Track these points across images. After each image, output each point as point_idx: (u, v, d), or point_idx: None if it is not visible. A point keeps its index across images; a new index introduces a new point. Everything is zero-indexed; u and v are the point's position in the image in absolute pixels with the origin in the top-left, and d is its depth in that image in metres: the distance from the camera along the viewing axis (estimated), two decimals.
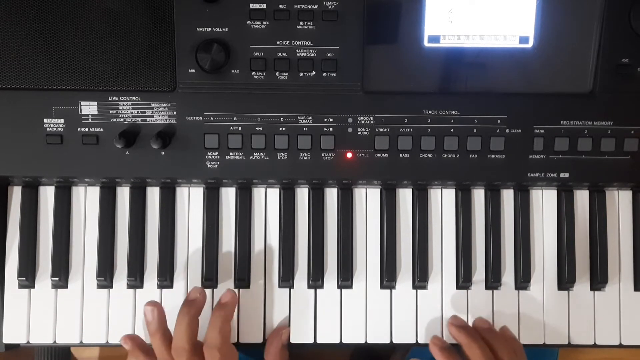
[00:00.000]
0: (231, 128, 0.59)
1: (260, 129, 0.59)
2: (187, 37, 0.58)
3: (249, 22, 0.58)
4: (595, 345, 0.63)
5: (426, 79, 0.59)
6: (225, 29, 0.58)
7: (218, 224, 0.62)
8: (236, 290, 0.62)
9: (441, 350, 0.58)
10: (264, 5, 0.57)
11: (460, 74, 0.59)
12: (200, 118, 0.59)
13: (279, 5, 0.57)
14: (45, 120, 0.59)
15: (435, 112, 0.59)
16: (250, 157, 0.59)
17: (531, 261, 0.63)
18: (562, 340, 0.63)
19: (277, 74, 0.59)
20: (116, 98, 0.59)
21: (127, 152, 0.59)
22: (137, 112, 0.59)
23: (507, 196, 0.64)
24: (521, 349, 0.59)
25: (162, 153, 0.59)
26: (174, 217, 0.62)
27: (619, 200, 0.64)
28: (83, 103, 0.59)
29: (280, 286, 0.62)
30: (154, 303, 0.58)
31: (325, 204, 0.63)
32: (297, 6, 0.57)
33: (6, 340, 0.62)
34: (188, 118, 0.59)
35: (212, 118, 0.59)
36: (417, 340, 0.62)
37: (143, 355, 0.57)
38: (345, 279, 0.62)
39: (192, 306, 0.56)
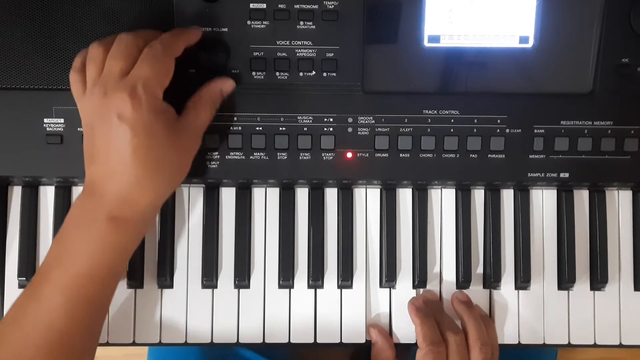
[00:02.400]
0: (231, 128, 0.59)
1: (260, 128, 0.59)
2: None
3: (249, 22, 0.58)
4: (595, 345, 0.63)
5: (426, 79, 0.59)
6: (225, 29, 0.58)
7: (218, 224, 0.62)
8: (236, 291, 0.62)
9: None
10: (264, 5, 0.57)
11: (460, 73, 0.59)
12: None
13: (279, 5, 0.57)
14: (45, 120, 0.59)
15: (435, 112, 0.59)
16: (250, 157, 0.59)
17: (531, 261, 0.63)
18: (562, 340, 0.63)
19: (277, 74, 0.59)
20: None
21: None
22: None
23: (507, 196, 0.64)
24: (492, 327, 0.61)
25: None
26: (173, 216, 0.62)
27: (619, 200, 0.64)
28: None
29: (280, 286, 0.62)
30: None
31: (325, 204, 0.63)
32: (297, 6, 0.57)
33: None
34: None
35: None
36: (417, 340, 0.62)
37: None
38: (345, 278, 0.62)
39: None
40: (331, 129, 0.59)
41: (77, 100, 0.54)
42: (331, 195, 0.63)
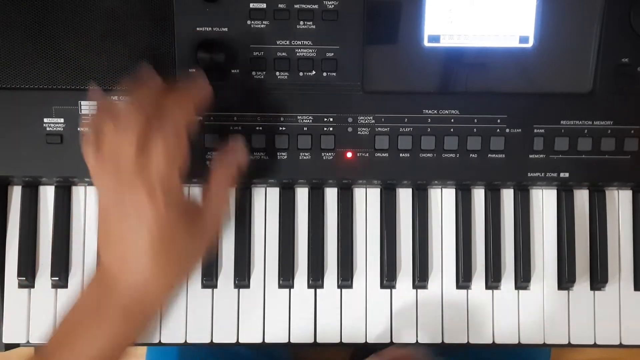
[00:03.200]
0: (231, 128, 0.59)
1: (260, 128, 0.59)
2: (187, 37, 0.58)
3: (249, 22, 0.58)
4: (595, 345, 0.63)
5: (426, 78, 0.59)
6: (225, 29, 0.58)
7: None
8: (236, 290, 0.62)
9: None
10: (264, 5, 0.57)
11: (460, 73, 0.59)
12: (200, 118, 0.59)
13: (279, 5, 0.57)
14: (45, 120, 0.59)
15: (435, 111, 0.59)
16: (251, 157, 0.59)
17: (531, 261, 0.63)
18: (562, 340, 0.63)
19: (277, 73, 0.59)
20: (116, 98, 0.58)
21: None
22: None
23: (507, 196, 0.64)
24: None
25: None
26: None
27: (619, 200, 0.64)
28: (83, 103, 0.59)
29: (280, 286, 0.62)
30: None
31: (325, 204, 0.63)
32: (297, 6, 0.57)
33: (6, 340, 0.62)
34: None
35: (212, 118, 0.59)
36: (417, 340, 0.62)
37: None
38: (345, 278, 0.62)
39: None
40: (331, 129, 0.59)
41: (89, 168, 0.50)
42: (331, 195, 0.63)
